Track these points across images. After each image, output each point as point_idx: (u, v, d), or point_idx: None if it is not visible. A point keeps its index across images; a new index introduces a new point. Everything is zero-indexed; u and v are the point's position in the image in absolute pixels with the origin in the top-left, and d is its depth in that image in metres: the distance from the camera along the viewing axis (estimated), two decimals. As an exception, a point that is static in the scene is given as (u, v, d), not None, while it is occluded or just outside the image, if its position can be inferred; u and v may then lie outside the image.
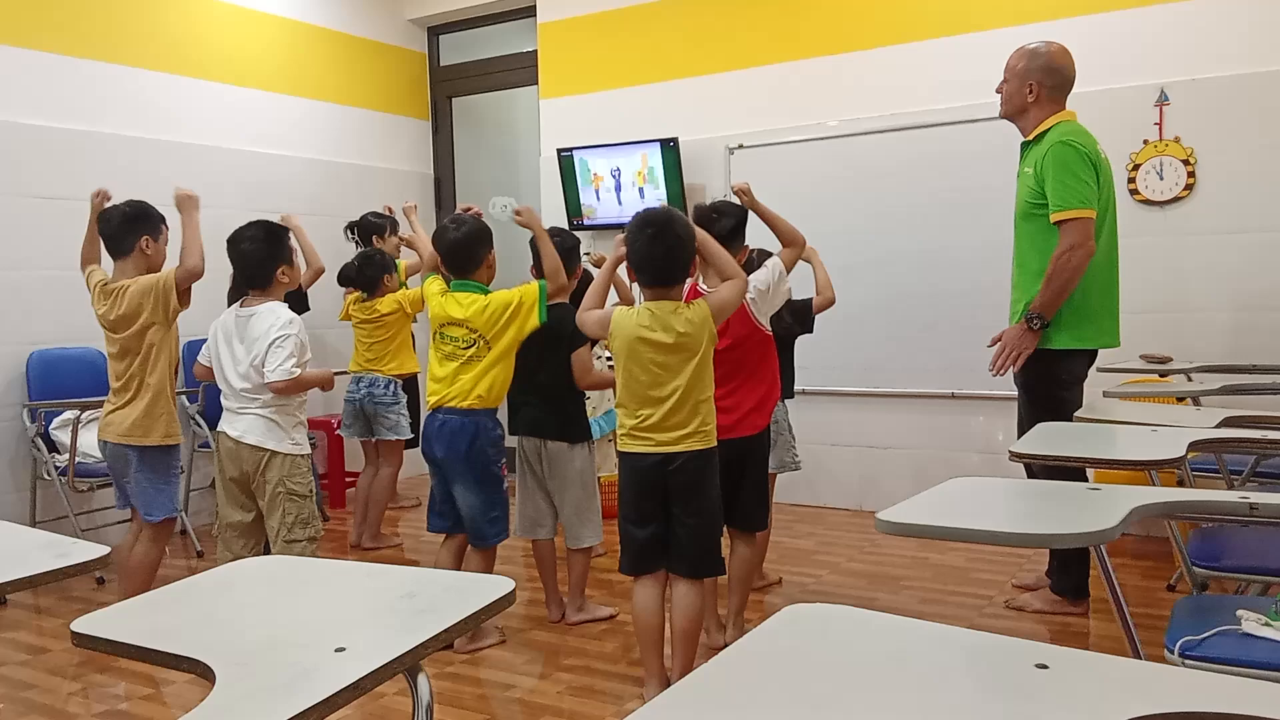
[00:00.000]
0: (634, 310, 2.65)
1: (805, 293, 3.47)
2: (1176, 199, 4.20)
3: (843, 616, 1.24)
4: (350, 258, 4.76)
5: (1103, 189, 3.18)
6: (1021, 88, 3.27)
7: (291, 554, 2.97)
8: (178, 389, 3.51)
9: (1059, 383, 3.25)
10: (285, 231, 3.21)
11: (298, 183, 5.50)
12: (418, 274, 4.21)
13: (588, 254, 4.19)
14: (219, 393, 3.18)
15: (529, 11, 5.89)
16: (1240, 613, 1.79)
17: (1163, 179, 4.21)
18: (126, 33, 4.74)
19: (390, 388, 4.57)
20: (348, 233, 5.06)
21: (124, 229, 3.29)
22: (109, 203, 3.40)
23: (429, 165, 6.47)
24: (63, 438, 4.19)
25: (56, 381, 4.31)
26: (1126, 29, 4.26)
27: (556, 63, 5.76)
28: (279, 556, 1.96)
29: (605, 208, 5.48)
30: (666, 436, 2.62)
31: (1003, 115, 3.39)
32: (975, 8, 4.57)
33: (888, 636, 1.19)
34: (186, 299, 3.27)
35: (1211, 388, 3.21)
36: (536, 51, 5.84)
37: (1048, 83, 3.24)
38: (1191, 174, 4.16)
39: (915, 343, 4.74)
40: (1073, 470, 2.85)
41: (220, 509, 3.18)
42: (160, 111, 4.86)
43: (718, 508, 2.73)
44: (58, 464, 4.18)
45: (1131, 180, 4.25)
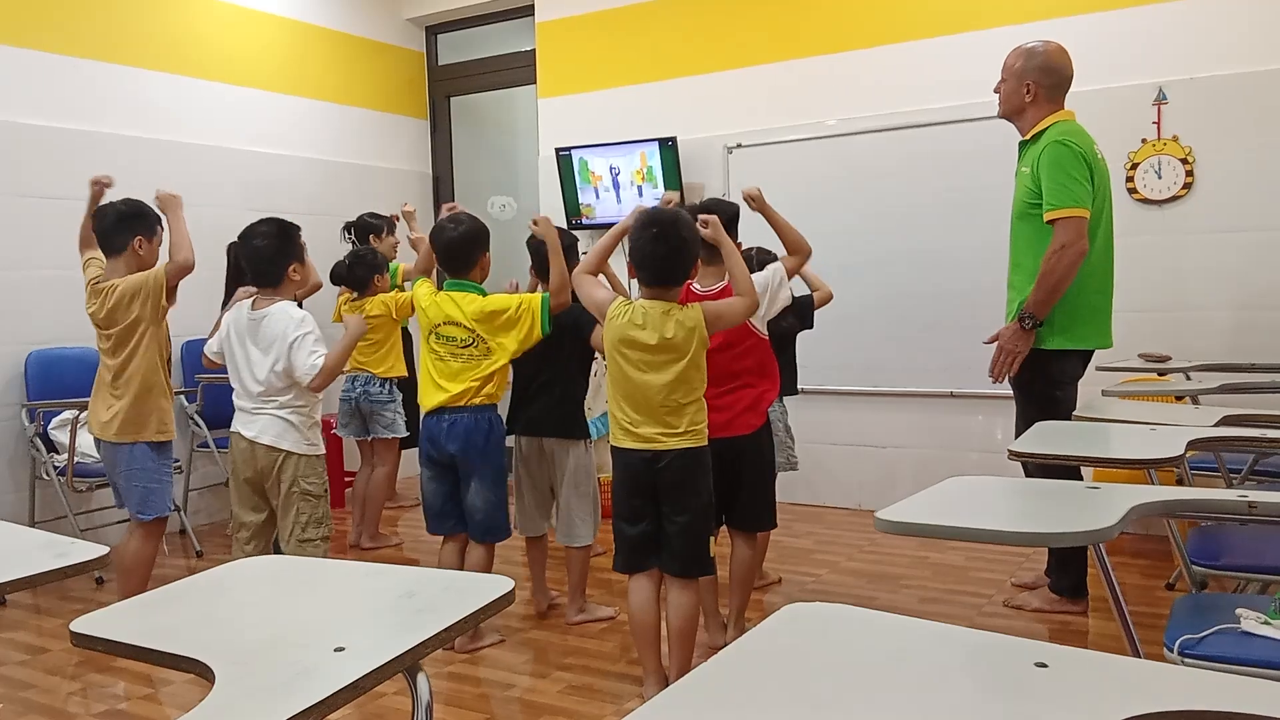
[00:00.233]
0: (629, 306, 2.65)
1: (798, 289, 3.46)
2: (1175, 198, 4.20)
3: (842, 616, 1.24)
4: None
5: (1097, 189, 3.17)
6: (1019, 87, 3.27)
7: (305, 553, 2.97)
8: (177, 388, 3.50)
9: (1053, 382, 3.25)
10: (297, 229, 3.13)
11: (297, 182, 5.49)
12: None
13: (585, 254, 4.18)
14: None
15: (527, 11, 5.89)
16: (1239, 611, 1.79)
17: (1161, 178, 4.21)
18: (126, 33, 4.73)
19: (386, 386, 4.56)
20: (345, 233, 5.05)
21: (118, 227, 3.27)
22: (109, 189, 3.38)
23: (428, 165, 6.46)
24: (61, 437, 4.18)
25: (55, 381, 4.30)
26: (1125, 28, 4.26)
27: (555, 62, 5.76)
28: (277, 556, 1.96)
29: (604, 207, 5.48)
30: (654, 432, 2.61)
31: (1001, 115, 3.38)
32: (973, 7, 4.57)
33: (887, 636, 1.19)
34: (173, 296, 3.24)
35: (1210, 386, 3.21)
36: (535, 51, 5.83)
37: (1045, 82, 3.23)
38: (1190, 173, 4.16)
39: (914, 342, 4.73)
40: (1068, 469, 2.85)
41: (234, 510, 3.16)
42: (160, 111, 4.86)
43: (708, 507, 2.71)
44: (56, 464, 4.18)
45: (1130, 179, 4.25)
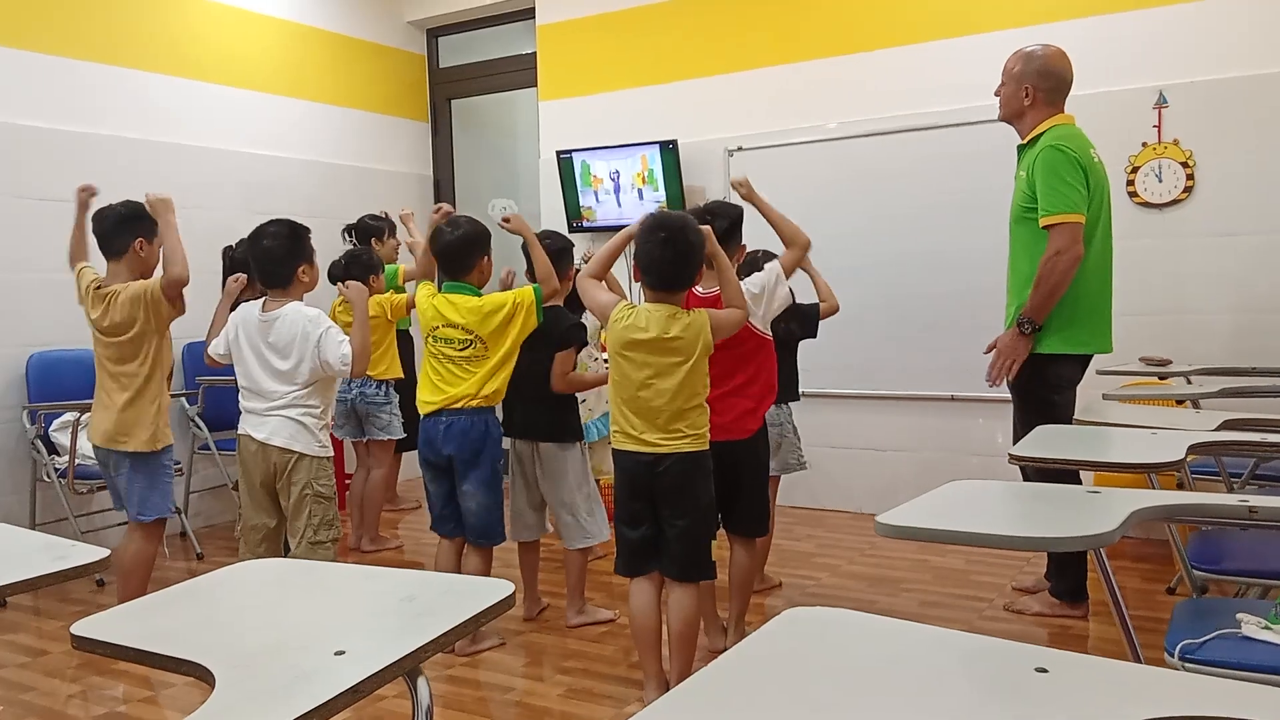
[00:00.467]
0: (633, 309, 2.65)
1: (805, 298, 3.46)
2: (1175, 201, 4.20)
3: (842, 620, 1.24)
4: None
5: (1094, 194, 3.15)
6: (1018, 91, 3.26)
7: (316, 555, 2.97)
8: (177, 391, 3.49)
9: (1050, 387, 3.24)
10: (307, 230, 3.11)
11: (297, 184, 5.49)
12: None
13: (585, 257, 4.19)
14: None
15: (528, 13, 5.89)
16: (1240, 616, 1.79)
17: (1161, 181, 4.21)
18: (126, 35, 4.74)
19: (382, 388, 4.55)
20: (345, 235, 5.05)
21: (118, 229, 3.25)
22: (94, 198, 3.38)
23: (428, 167, 6.46)
24: (62, 440, 4.18)
25: (56, 383, 4.30)
26: (1125, 31, 4.26)
27: (556, 65, 5.76)
28: (278, 559, 1.96)
29: (605, 210, 5.48)
30: (654, 437, 2.61)
31: (1001, 118, 3.38)
32: (975, 10, 4.57)
33: (887, 640, 1.19)
34: (181, 304, 3.22)
35: (1211, 390, 3.21)
36: (536, 53, 5.84)
37: (1044, 86, 3.23)
38: (1190, 176, 4.16)
39: (915, 345, 4.73)
40: (1067, 473, 2.85)
41: (245, 512, 3.15)
42: (160, 113, 4.86)
43: (708, 511, 2.70)
44: (57, 466, 4.18)
45: (1130, 183, 4.25)
